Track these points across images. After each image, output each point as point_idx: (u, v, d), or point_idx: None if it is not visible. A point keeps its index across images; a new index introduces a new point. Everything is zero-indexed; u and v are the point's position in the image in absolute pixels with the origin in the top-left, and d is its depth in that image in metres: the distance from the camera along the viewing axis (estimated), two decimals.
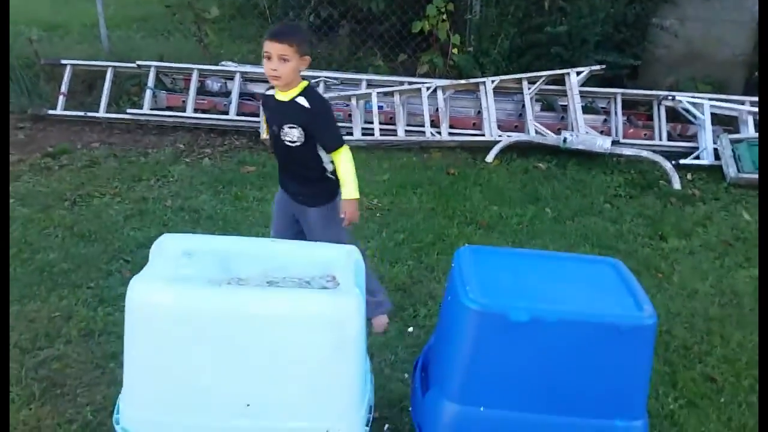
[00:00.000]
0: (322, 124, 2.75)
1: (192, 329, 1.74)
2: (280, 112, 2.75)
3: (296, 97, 2.69)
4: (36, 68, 5.92)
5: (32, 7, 8.87)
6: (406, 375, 2.82)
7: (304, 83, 2.72)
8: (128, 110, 5.62)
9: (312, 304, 1.77)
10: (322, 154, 2.80)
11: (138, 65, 5.78)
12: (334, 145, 2.75)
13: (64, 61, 5.80)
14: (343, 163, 2.75)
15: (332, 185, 2.84)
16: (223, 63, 6.15)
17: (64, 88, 5.66)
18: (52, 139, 5.30)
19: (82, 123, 5.60)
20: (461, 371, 1.87)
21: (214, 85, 5.89)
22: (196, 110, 5.63)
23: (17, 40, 6.15)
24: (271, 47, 2.59)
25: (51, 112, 5.58)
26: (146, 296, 1.75)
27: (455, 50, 6.07)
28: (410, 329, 3.16)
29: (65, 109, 5.63)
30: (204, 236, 2.18)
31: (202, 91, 5.84)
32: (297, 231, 2.97)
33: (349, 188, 2.75)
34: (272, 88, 2.79)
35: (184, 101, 5.69)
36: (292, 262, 1.95)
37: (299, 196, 2.89)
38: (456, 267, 1.97)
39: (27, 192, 4.35)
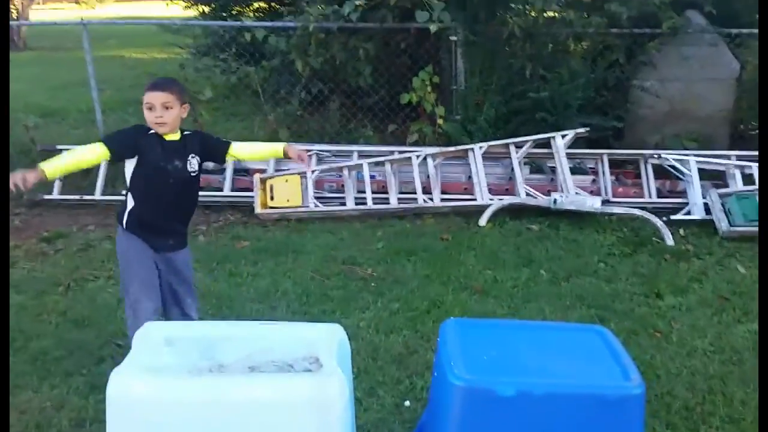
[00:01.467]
0: (209, 137, 3.17)
1: (172, 420, 1.73)
2: (177, 149, 2.93)
3: (183, 134, 2.97)
4: (33, 154, 6.01)
5: (30, 94, 9.14)
6: None
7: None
8: (123, 192, 5.67)
9: (293, 388, 1.75)
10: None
11: None
12: (226, 144, 3.13)
13: (60, 147, 5.91)
14: (245, 145, 3.24)
15: None
16: None
17: None
18: (48, 224, 5.35)
19: (78, 206, 5.67)
20: None
21: (208, 162, 5.96)
22: None
23: (15, 127, 6.29)
24: (153, 98, 2.80)
25: (47, 197, 5.65)
26: (125, 389, 1.75)
27: (440, 121, 6.21)
28: (407, 403, 3.11)
29: (61, 193, 5.70)
30: (187, 323, 2.18)
31: None
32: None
33: (276, 145, 3.22)
34: (149, 130, 2.91)
35: None
36: (275, 344, 1.95)
37: (175, 239, 3.08)
38: (441, 342, 1.96)
39: (21, 278, 4.36)
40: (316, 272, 4.46)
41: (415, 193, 5.53)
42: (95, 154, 2.91)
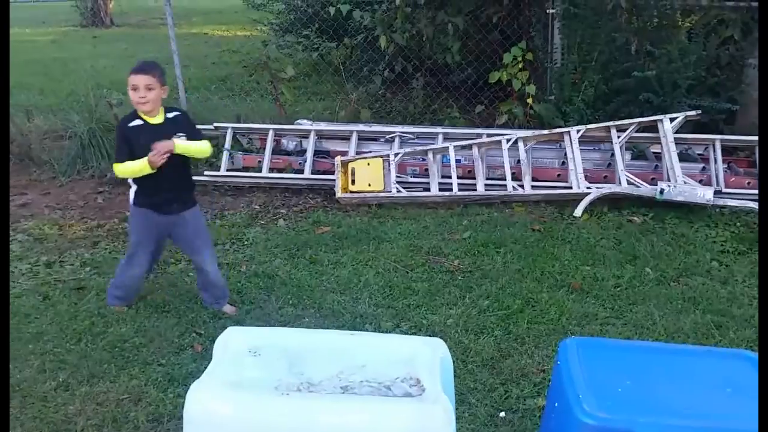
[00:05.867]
0: (193, 124, 3.54)
1: None
2: (164, 132, 3.29)
3: (167, 114, 3.37)
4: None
5: (116, 71, 9.23)
6: None
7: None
8: (205, 172, 5.60)
9: (393, 416, 1.51)
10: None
11: (215, 127, 5.79)
12: (202, 136, 3.47)
13: None
14: (205, 143, 3.45)
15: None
16: (298, 121, 6.10)
17: None
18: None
19: None
20: None
21: (289, 144, 5.83)
22: (271, 170, 5.56)
23: (99, 103, 6.31)
24: (137, 80, 3.21)
25: None
26: (205, 405, 1.54)
27: (530, 99, 5.83)
28: (502, 414, 2.84)
29: None
30: (272, 330, 1.96)
31: (277, 150, 5.79)
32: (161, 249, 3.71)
33: (190, 145, 3.37)
34: (132, 120, 3.31)
35: (260, 161, 5.63)
36: (369, 360, 1.70)
37: (179, 203, 3.46)
38: (563, 366, 1.67)
39: (103, 259, 4.31)
40: (399, 262, 4.22)
41: (504, 179, 5.18)
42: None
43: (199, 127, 5.77)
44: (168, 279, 4.05)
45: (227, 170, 5.59)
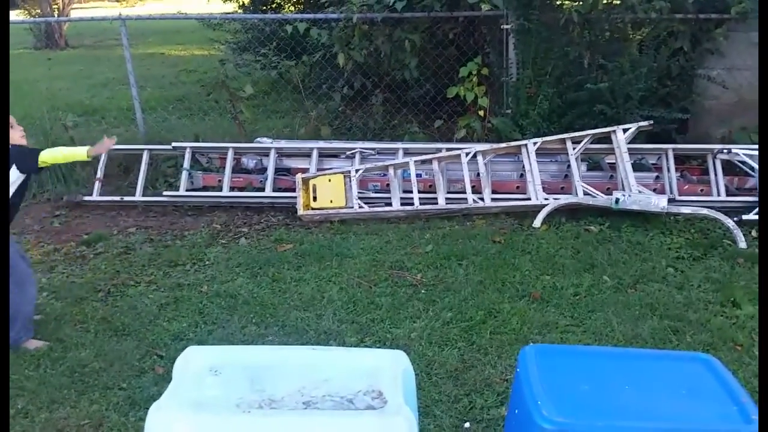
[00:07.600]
0: (14, 152, 3.38)
1: None
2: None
3: None
4: None
5: (71, 93, 9.11)
6: None
7: None
8: (164, 193, 5.53)
9: (355, 430, 1.51)
10: None
11: (173, 147, 5.74)
12: (36, 152, 3.43)
13: None
14: (51, 150, 3.49)
15: None
16: (258, 139, 6.08)
17: (99, 174, 5.62)
18: (87, 226, 5.22)
19: (119, 207, 5.54)
20: None
21: (249, 162, 5.81)
22: (232, 188, 5.52)
23: (55, 125, 6.20)
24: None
25: (87, 198, 5.53)
26: (166, 426, 1.52)
27: (481, 112, 5.93)
28: (467, 425, 2.87)
29: (101, 195, 5.58)
30: (233, 348, 1.95)
31: (237, 168, 5.76)
32: None
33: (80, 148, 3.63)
34: None
35: (220, 180, 5.59)
36: (332, 374, 1.71)
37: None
38: (522, 373, 1.70)
39: (61, 284, 4.23)
40: (363, 278, 4.23)
41: (465, 192, 5.24)
42: None
43: (157, 147, 5.81)
44: (127, 301, 4.00)
45: (187, 190, 5.53)
